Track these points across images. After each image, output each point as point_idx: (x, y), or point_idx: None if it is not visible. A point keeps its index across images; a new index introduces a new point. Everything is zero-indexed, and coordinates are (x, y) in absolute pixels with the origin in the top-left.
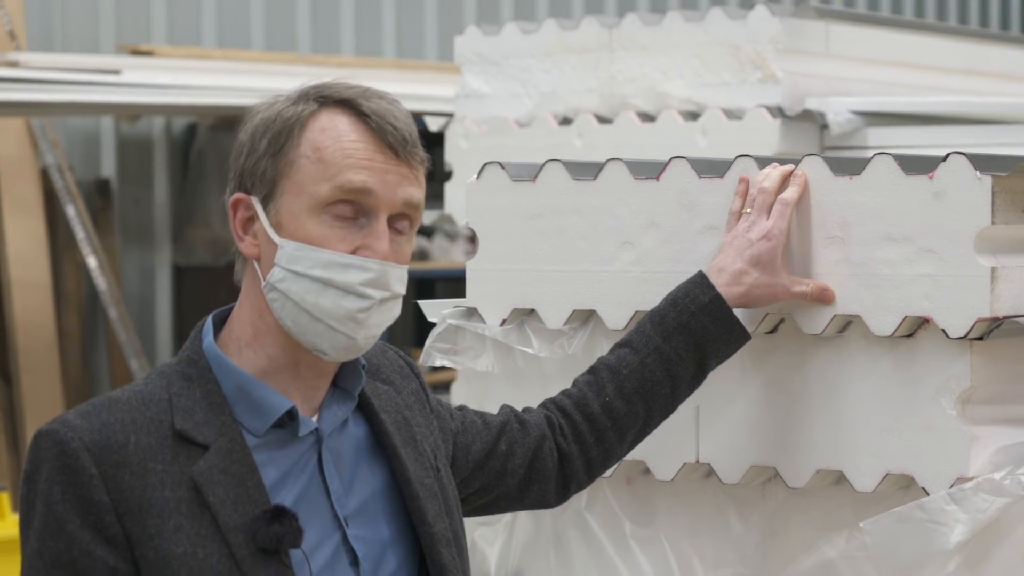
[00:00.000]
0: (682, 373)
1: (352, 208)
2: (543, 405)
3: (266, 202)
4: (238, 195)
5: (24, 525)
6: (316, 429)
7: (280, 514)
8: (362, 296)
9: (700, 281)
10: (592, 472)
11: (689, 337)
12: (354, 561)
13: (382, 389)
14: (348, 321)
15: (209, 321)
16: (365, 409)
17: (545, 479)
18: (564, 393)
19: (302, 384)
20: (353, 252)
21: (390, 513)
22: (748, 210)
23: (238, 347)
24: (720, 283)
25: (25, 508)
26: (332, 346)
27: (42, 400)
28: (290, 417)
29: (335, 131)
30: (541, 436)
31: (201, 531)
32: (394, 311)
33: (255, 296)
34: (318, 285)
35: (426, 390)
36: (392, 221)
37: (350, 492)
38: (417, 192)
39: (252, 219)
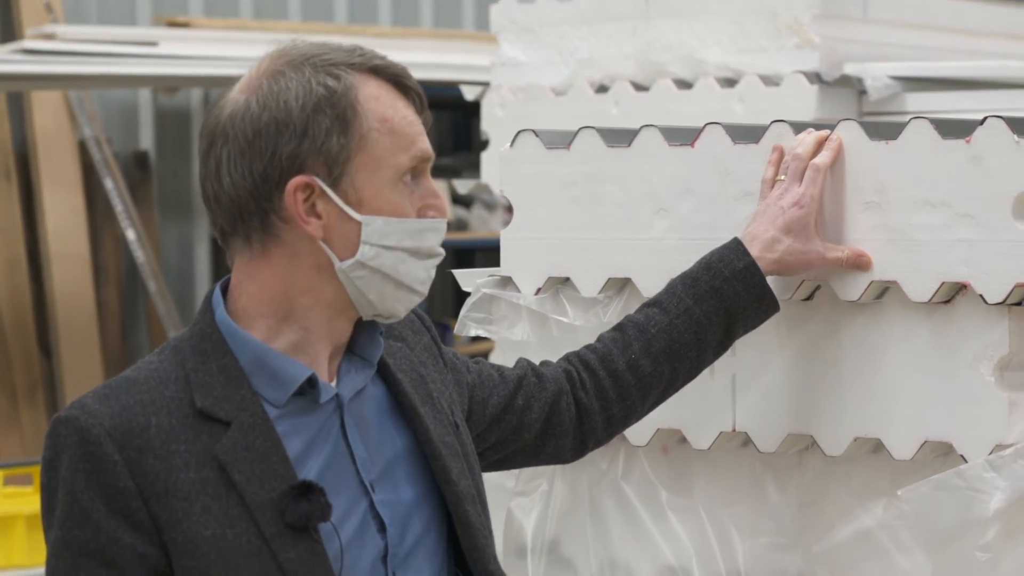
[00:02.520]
0: (709, 338)
1: (412, 172)
2: (565, 358)
3: (335, 182)
4: (302, 178)
5: (46, 513)
6: (337, 395)
7: (308, 490)
8: (436, 255)
9: (735, 247)
10: (611, 429)
11: (720, 302)
12: (382, 527)
13: (395, 347)
14: (427, 281)
15: (218, 291)
16: (381, 370)
17: (562, 434)
18: (588, 348)
19: (327, 350)
20: (419, 214)
21: (414, 474)
22: (782, 177)
23: (250, 318)
24: (754, 251)
25: (47, 496)
26: (406, 308)
27: (82, 373)
28: (310, 384)
29: (387, 99)
30: (558, 390)
31: (229, 511)
32: None
33: (295, 274)
34: (406, 254)
35: (438, 344)
36: None
37: (375, 455)
38: None
39: (316, 201)
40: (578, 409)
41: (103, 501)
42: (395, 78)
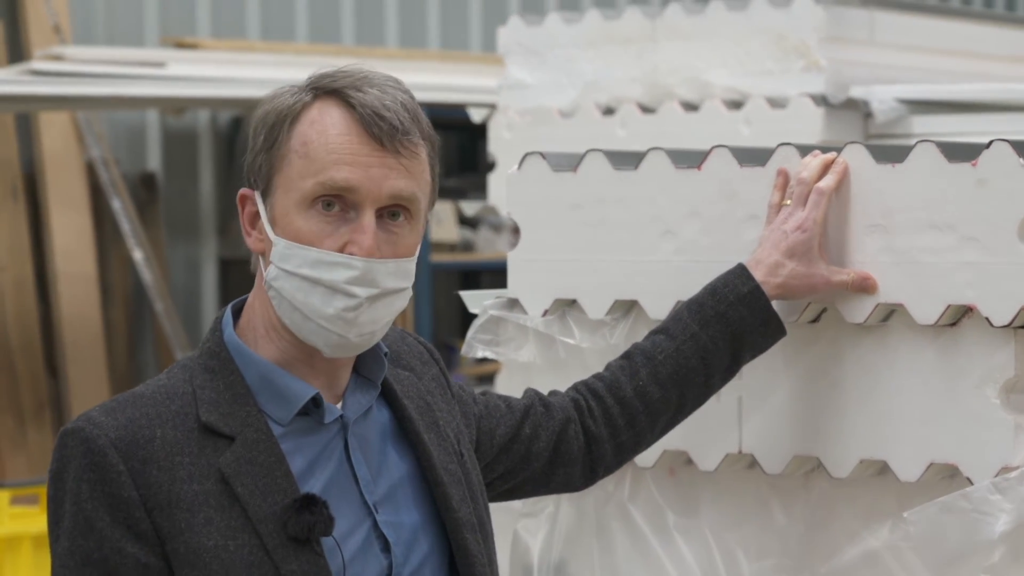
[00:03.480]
0: (717, 363)
1: (339, 203)
2: (573, 387)
3: (264, 197)
4: (244, 190)
5: (53, 524)
6: (341, 416)
7: (310, 502)
8: (348, 295)
9: (739, 272)
10: (621, 456)
11: (726, 327)
12: (385, 547)
13: (403, 375)
14: (337, 320)
15: (228, 312)
16: (388, 395)
17: (570, 462)
18: (596, 376)
19: (320, 374)
20: (341, 248)
21: (417, 499)
22: (787, 202)
23: (254, 337)
24: (758, 275)
25: (53, 507)
26: (326, 343)
27: (89, 393)
28: (315, 404)
29: (322, 124)
30: (566, 419)
31: (231, 523)
32: (394, 306)
33: (264, 290)
34: (307, 284)
35: (446, 375)
36: (384, 214)
37: (378, 478)
38: (406, 184)
39: (257, 214)
40: (587, 437)
41: (107, 511)
42: (356, 107)
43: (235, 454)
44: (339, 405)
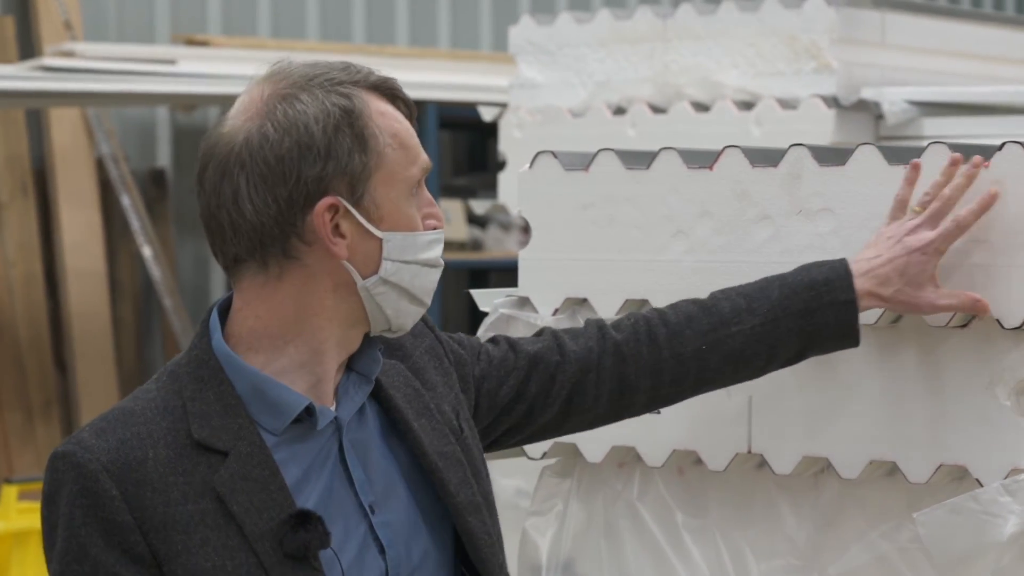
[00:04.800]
0: (782, 354)
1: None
2: (633, 325)
3: (357, 201)
4: (329, 200)
5: (47, 548)
6: (335, 418)
7: (305, 519)
8: (439, 265)
9: (843, 275)
10: (653, 406)
11: (807, 324)
12: (382, 549)
13: (387, 364)
14: (432, 292)
15: (215, 316)
16: (375, 390)
17: (583, 411)
18: (662, 318)
19: (323, 376)
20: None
21: (416, 490)
22: (917, 208)
23: (255, 339)
24: (864, 284)
25: (47, 530)
26: (414, 321)
27: (97, 389)
28: (307, 412)
29: (392, 114)
30: (583, 369)
31: (228, 543)
32: None
33: (310, 294)
34: (417, 267)
35: (442, 342)
36: None
37: (374, 477)
38: None
39: (341, 222)
40: (622, 385)
41: (102, 536)
42: (391, 92)
43: (229, 470)
44: (333, 406)
